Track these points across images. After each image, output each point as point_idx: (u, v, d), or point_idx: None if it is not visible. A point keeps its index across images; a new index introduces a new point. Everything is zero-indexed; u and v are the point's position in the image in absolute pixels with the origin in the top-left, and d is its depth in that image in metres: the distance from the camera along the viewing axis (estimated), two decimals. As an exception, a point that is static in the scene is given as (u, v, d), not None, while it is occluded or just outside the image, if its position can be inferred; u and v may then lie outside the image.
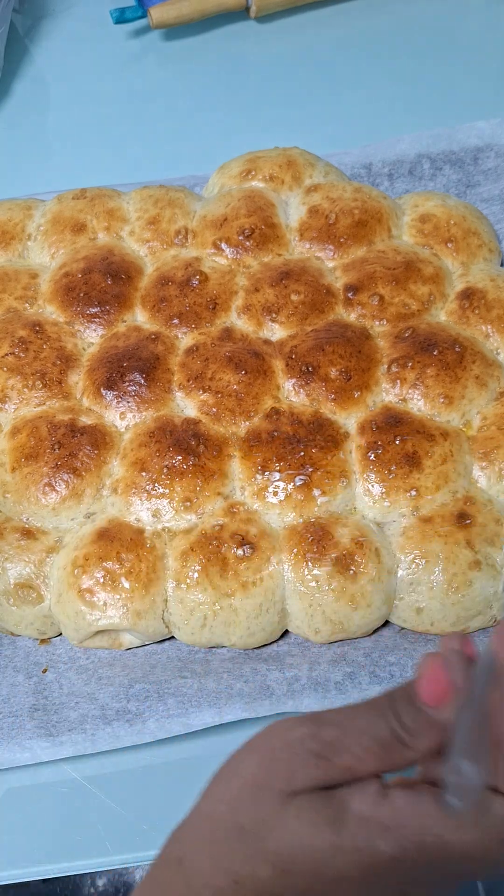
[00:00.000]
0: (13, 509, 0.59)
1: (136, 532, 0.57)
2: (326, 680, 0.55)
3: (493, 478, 0.59)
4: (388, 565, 0.56)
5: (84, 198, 0.70)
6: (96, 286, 0.65)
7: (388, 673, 0.55)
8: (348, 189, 0.69)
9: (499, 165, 0.74)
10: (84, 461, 0.58)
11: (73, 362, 0.63)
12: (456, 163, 0.74)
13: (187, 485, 0.57)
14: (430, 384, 0.60)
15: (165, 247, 0.68)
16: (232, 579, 0.55)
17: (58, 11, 0.90)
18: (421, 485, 0.57)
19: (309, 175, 0.71)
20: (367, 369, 0.61)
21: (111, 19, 0.84)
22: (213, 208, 0.69)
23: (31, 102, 0.85)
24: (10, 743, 0.54)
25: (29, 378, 0.62)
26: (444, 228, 0.68)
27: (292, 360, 0.62)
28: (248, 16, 0.88)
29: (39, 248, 0.69)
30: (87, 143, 0.82)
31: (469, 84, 0.84)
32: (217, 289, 0.65)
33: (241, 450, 0.59)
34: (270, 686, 0.55)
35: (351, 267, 0.66)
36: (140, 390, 0.61)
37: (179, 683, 0.55)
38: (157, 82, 0.86)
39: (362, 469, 0.58)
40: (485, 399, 0.61)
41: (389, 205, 0.69)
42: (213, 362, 0.61)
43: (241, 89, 0.85)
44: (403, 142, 0.75)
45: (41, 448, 0.59)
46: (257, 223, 0.67)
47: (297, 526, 0.57)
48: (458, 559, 0.55)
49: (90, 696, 0.56)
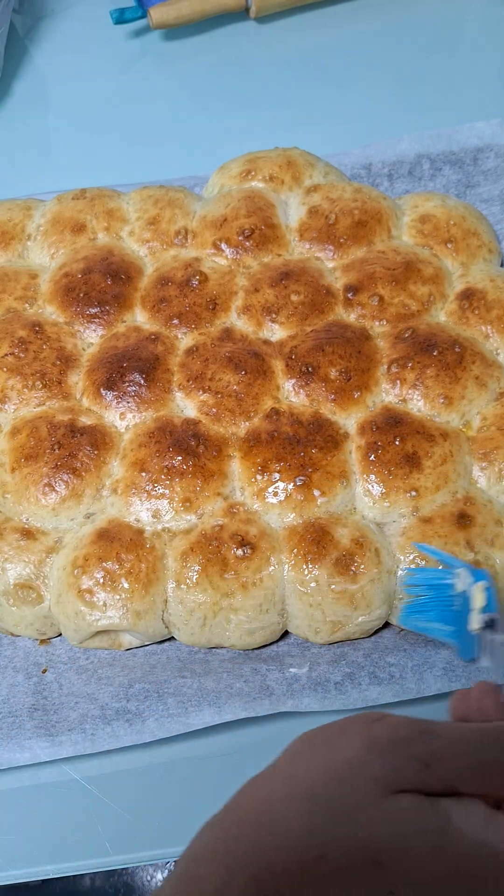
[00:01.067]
0: (13, 509, 0.59)
1: (136, 532, 0.57)
2: (326, 680, 0.55)
3: (492, 478, 0.59)
4: (388, 566, 0.56)
5: (84, 198, 0.71)
6: (96, 286, 0.65)
7: (388, 674, 0.55)
8: (348, 189, 0.69)
9: (498, 166, 0.74)
10: (84, 461, 0.59)
11: (72, 362, 0.63)
12: (456, 163, 0.74)
13: (187, 485, 0.57)
14: (430, 385, 0.60)
15: (165, 247, 0.68)
16: (232, 580, 0.55)
17: (58, 11, 0.90)
18: (421, 485, 0.57)
19: (309, 175, 0.71)
20: (366, 370, 0.61)
21: (111, 20, 0.84)
22: (213, 208, 0.69)
23: (31, 102, 0.85)
24: (10, 743, 0.54)
25: (29, 378, 0.62)
26: (443, 229, 0.68)
27: (292, 361, 0.62)
28: (247, 16, 0.88)
29: (39, 248, 0.69)
30: (87, 143, 0.82)
31: (469, 84, 0.84)
32: (217, 289, 0.65)
33: (241, 450, 0.59)
34: (270, 686, 0.55)
35: (351, 267, 0.66)
36: (140, 390, 0.61)
37: (179, 683, 0.55)
38: (156, 83, 0.86)
39: (362, 469, 0.58)
40: (485, 399, 0.61)
41: (389, 205, 0.70)
42: (212, 362, 0.61)
43: (241, 89, 0.85)
44: (403, 142, 0.75)
45: (41, 448, 0.59)
46: (257, 223, 0.67)
47: (296, 526, 0.57)
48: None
49: (90, 696, 0.56)
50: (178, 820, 0.55)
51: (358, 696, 0.54)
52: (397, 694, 0.55)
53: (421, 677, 0.55)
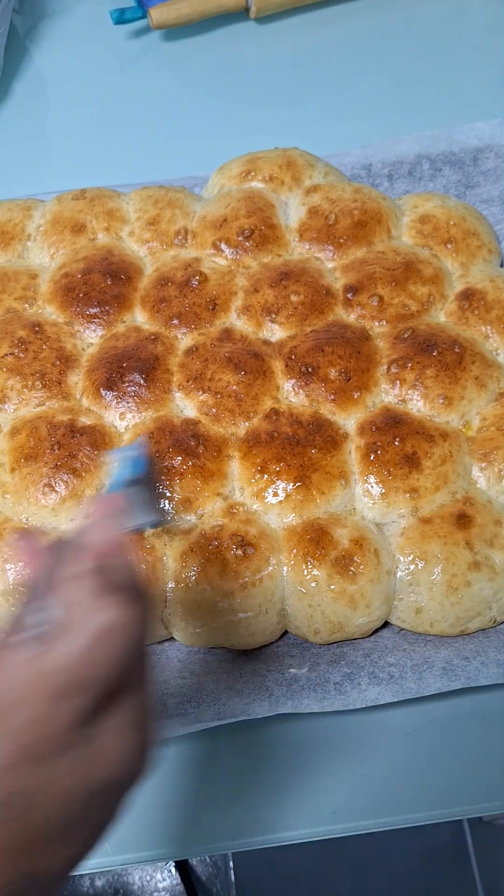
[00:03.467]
0: (12, 510, 0.59)
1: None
2: (325, 680, 0.55)
3: (492, 479, 0.59)
4: (388, 566, 0.56)
5: (84, 198, 0.71)
6: (96, 286, 0.65)
7: (388, 674, 0.55)
8: (348, 190, 0.69)
9: (498, 166, 0.74)
10: (84, 462, 0.59)
11: (72, 363, 0.63)
12: (456, 163, 0.74)
13: (187, 485, 0.57)
14: (430, 385, 0.60)
15: (165, 247, 0.68)
16: (231, 580, 0.55)
17: (58, 12, 0.90)
18: (420, 486, 0.57)
19: (309, 176, 0.71)
20: (366, 370, 0.61)
21: (111, 20, 0.84)
22: (213, 209, 0.69)
23: (31, 102, 0.85)
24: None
25: (28, 378, 0.62)
26: (443, 229, 0.68)
27: (292, 361, 0.62)
28: (247, 16, 0.88)
29: (39, 248, 0.69)
30: (87, 143, 0.82)
31: (469, 84, 0.84)
32: (217, 289, 0.65)
33: (241, 450, 0.59)
34: (269, 686, 0.55)
35: (350, 268, 0.66)
36: (139, 391, 0.61)
37: (179, 683, 0.55)
38: (156, 83, 0.86)
39: (362, 470, 0.58)
40: (484, 400, 0.61)
41: (389, 205, 0.70)
42: (212, 363, 0.61)
43: (240, 90, 0.85)
44: (403, 142, 0.75)
45: (41, 448, 0.59)
46: (257, 224, 0.67)
47: (296, 526, 0.57)
48: (458, 560, 0.55)
49: (89, 697, 0.56)
50: (177, 820, 0.55)
51: (357, 697, 0.54)
52: (397, 694, 0.55)
53: (420, 677, 0.55)
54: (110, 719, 0.34)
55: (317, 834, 0.55)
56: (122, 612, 0.34)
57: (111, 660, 0.34)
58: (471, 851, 1.21)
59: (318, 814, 0.55)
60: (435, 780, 0.56)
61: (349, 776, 0.56)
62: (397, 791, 0.56)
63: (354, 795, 0.56)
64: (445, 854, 1.21)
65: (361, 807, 0.55)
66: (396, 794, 0.56)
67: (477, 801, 0.56)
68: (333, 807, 0.55)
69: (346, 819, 0.55)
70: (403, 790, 0.56)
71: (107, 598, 0.34)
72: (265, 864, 1.20)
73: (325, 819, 0.55)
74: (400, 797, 0.56)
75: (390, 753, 0.56)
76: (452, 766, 0.56)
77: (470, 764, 0.56)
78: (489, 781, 0.56)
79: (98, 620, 0.33)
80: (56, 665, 0.33)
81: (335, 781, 0.56)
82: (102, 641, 0.33)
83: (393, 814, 0.55)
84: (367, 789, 0.56)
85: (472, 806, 0.56)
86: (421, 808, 0.56)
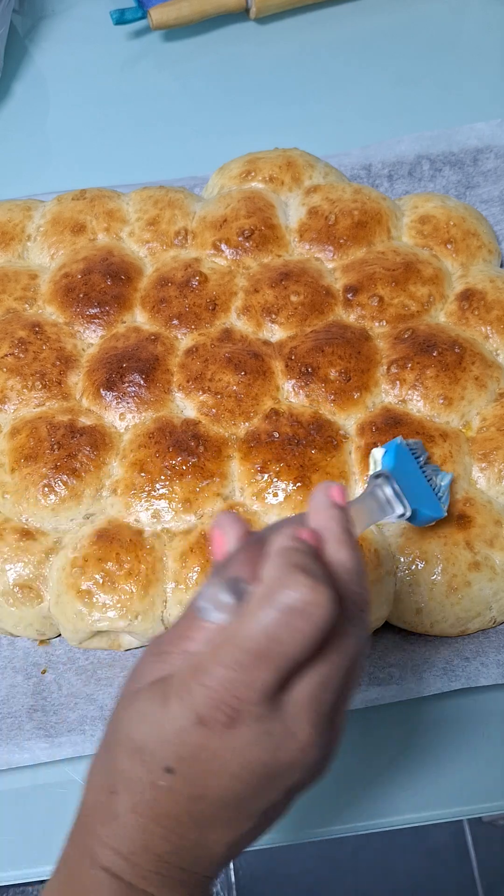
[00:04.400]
0: (12, 510, 0.59)
1: (136, 533, 0.57)
2: (325, 681, 0.55)
3: (492, 479, 0.59)
4: (388, 566, 0.56)
5: (84, 199, 0.71)
6: (96, 287, 0.65)
7: (388, 674, 0.55)
8: (348, 190, 0.69)
9: (498, 167, 0.74)
10: (83, 462, 0.59)
11: (72, 363, 0.63)
12: (455, 164, 0.74)
13: (187, 486, 0.57)
14: (430, 385, 0.60)
15: (165, 248, 0.68)
16: (231, 580, 0.55)
17: (58, 12, 0.90)
18: (420, 486, 0.57)
19: (309, 176, 0.71)
20: (366, 370, 0.61)
21: (111, 20, 0.84)
22: (213, 209, 0.69)
23: (31, 102, 0.85)
24: (9, 744, 0.54)
25: (28, 379, 0.62)
26: (443, 230, 0.68)
27: (292, 361, 0.62)
28: (247, 17, 0.88)
29: (39, 248, 0.69)
30: (87, 143, 0.82)
31: (469, 84, 0.84)
32: (217, 290, 0.65)
33: (241, 451, 0.59)
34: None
35: (350, 268, 0.66)
36: (139, 391, 0.61)
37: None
38: (157, 83, 0.86)
39: (362, 470, 0.58)
40: (484, 400, 0.61)
41: (389, 206, 0.70)
42: (212, 363, 0.61)
43: (240, 90, 0.85)
44: (403, 143, 0.75)
45: (40, 449, 0.59)
46: (257, 224, 0.67)
47: (296, 527, 0.57)
48: (458, 560, 0.55)
49: (89, 697, 0.56)
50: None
51: (357, 697, 0.54)
52: (397, 694, 0.55)
53: (421, 677, 0.55)
54: (299, 705, 0.34)
55: (317, 834, 0.55)
56: (310, 595, 0.32)
57: (295, 641, 0.33)
58: (471, 851, 1.21)
59: (317, 814, 0.55)
60: (434, 781, 0.56)
61: (348, 776, 0.56)
62: (397, 791, 0.56)
63: (354, 796, 0.56)
64: (445, 854, 1.21)
65: (361, 807, 0.55)
66: (396, 795, 0.56)
67: (477, 802, 0.56)
68: (332, 808, 0.55)
69: (345, 819, 0.55)
70: (403, 790, 0.56)
71: (300, 576, 0.33)
72: (265, 864, 1.20)
73: (324, 820, 0.55)
74: (400, 797, 0.56)
75: (389, 754, 0.56)
76: (452, 767, 0.56)
77: (470, 764, 0.56)
78: (489, 782, 0.56)
79: (284, 599, 0.32)
80: (247, 633, 0.33)
81: (334, 782, 0.56)
82: (291, 616, 0.32)
83: (392, 814, 0.55)
84: (366, 790, 0.56)
85: (471, 806, 0.56)
86: (420, 808, 0.56)
